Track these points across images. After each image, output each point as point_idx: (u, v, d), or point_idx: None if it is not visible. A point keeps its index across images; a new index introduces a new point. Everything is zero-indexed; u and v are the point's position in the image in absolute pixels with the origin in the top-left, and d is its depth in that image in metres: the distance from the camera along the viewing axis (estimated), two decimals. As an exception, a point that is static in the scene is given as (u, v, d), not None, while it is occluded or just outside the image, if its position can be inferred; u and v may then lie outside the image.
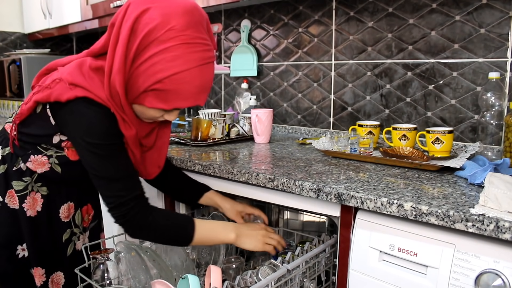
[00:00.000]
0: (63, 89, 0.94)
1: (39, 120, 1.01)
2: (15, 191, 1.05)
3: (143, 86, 0.92)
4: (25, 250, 1.07)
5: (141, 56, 0.90)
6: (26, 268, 1.08)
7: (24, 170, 1.05)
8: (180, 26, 0.89)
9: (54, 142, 1.02)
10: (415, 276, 0.87)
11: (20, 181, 1.05)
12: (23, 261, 1.07)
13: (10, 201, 1.05)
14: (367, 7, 1.65)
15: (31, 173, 1.05)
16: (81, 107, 0.94)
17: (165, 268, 1.10)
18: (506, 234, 0.73)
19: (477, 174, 1.00)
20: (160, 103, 0.94)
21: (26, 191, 1.05)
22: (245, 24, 2.09)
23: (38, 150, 1.03)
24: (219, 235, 1.05)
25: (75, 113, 0.94)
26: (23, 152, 1.04)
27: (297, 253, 1.05)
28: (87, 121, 0.94)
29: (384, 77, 1.63)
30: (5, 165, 1.06)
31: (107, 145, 0.96)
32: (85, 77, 0.95)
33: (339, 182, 1.02)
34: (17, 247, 1.07)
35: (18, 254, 1.07)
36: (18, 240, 1.07)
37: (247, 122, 1.75)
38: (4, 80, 2.76)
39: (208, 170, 1.26)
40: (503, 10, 1.33)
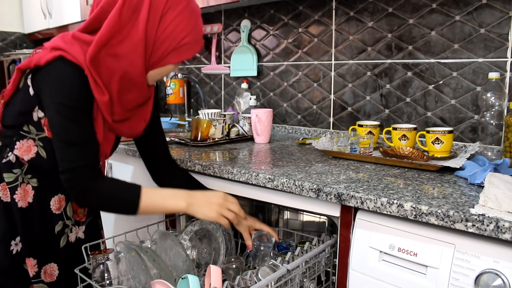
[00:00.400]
0: (43, 53, 1.00)
1: (20, 94, 1.05)
2: (6, 183, 1.06)
3: (171, 46, 1.04)
4: (18, 245, 1.08)
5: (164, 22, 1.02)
6: (20, 263, 1.09)
7: (13, 162, 1.06)
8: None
9: (35, 119, 1.04)
10: (415, 276, 0.87)
11: (11, 173, 1.06)
12: (17, 256, 1.08)
13: (3, 195, 1.07)
14: (367, 7, 1.65)
15: (20, 165, 1.07)
16: (57, 67, 0.98)
17: (165, 268, 1.09)
18: (506, 234, 0.73)
19: (477, 174, 1.00)
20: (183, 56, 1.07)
21: (17, 183, 1.06)
22: (245, 24, 2.09)
23: (22, 134, 1.05)
24: (168, 203, 1.05)
25: (50, 73, 0.99)
26: (9, 140, 1.06)
27: (297, 253, 1.05)
28: (60, 80, 0.98)
29: (384, 77, 1.63)
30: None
31: (75, 108, 0.99)
32: (66, 42, 1.00)
33: (339, 182, 1.02)
34: (11, 242, 1.08)
35: (12, 249, 1.08)
36: (12, 235, 1.08)
37: (247, 122, 1.75)
38: (4, 80, 2.76)
39: (208, 170, 1.26)
40: (503, 10, 1.33)
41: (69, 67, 0.98)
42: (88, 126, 1.02)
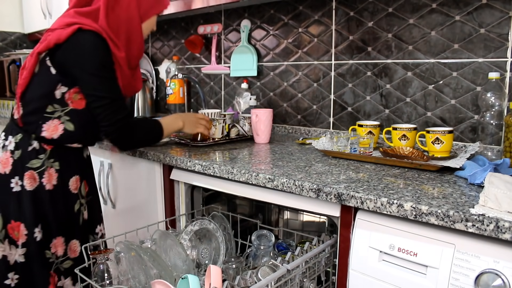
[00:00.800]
0: (59, 32, 1.13)
1: (38, 79, 1.17)
2: (33, 169, 1.18)
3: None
4: (40, 232, 1.19)
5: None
6: (43, 250, 1.20)
7: (38, 149, 1.19)
8: None
9: (58, 97, 1.16)
10: (415, 276, 0.87)
11: (37, 159, 1.19)
12: (39, 242, 1.19)
13: (28, 184, 1.18)
14: (367, 7, 1.65)
15: (44, 151, 1.19)
16: (81, 37, 1.12)
17: (165, 268, 1.10)
18: (506, 234, 0.73)
19: (477, 174, 1.00)
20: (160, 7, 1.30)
21: (44, 167, 1.19)
22: (245, 24, 2.09)
23: (46, 117, 1.17)
24: (175, 126, 1.41)
25: (76, 44, 1.12)
26: (34, 126, 1.17)
27: (297, 253, 1.05)
28: (88, 48, 1.13)
29: (384, 77, 1.63)
30: (19, 150, 1.18)
31: (107, 68, 1.17)
32: (75, 17, 1.15)
33: (339, 182, 1.02)
34: (35, 229, 1.18)
35: (36, 237, 1.19)
36: (35, 223, 1.18)
37: (247, 122, 1.75)
38: (4, 80, 2.76)
39: (208, 170, 1.26)
40: (503, 10, 1.33)
41: (91, 35, 1.12)
42: (117, 82, 1.21)
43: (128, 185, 1.69)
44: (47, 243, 1.21)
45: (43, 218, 1.19)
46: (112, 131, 1.19)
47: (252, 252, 1.33)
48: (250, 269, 1.19)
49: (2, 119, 2.60)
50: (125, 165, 1.68)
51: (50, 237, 1.21)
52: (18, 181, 1.18)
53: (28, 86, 1.18)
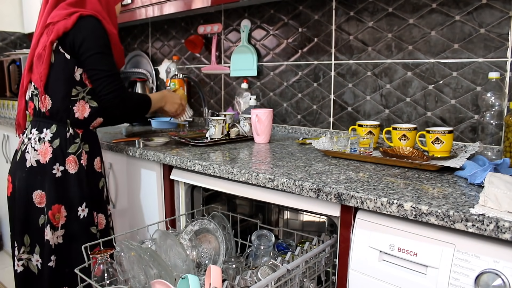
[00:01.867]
0: (64, 22, 1.27)
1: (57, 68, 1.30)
2: (73, 153, 1.34)
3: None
4: (84, 211, 1.35)
5: None
6: (87, 226, 1.35)
7: (73, 135, 1.35)
8: None
9: (77, 79, 1.32)
10: (415, 276, 0.87)
11: (74, 144, 1.35)
12: (84, 220, 1.35)
13: (70, 167, 1.33)
14: (367, 7, 1.65)
15: (78, 135, 1.36)
16: (84, 22, 1.28)
17: (165, 268, 1.10)
18: (506, 234, 0.73)
19: (477, 174, 1.00)
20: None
21: (80, 150, 1.36)
22: (245, 24, 2.09)
23: (73, 100, 1.33)
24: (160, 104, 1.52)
25: (82, 28, 1.27)
26: (67, 113, 1.33)
27: (297, 253, 1.05)
28: (92, 29, 1.28)
29: (384, 77, 1.63)
30: (57, 139, 1.32)
31: (108, 46, 1.32)
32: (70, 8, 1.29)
33: (339, 182, 1.02)
34: (78, 208, 1.34)
35: (80, 215, 1.34)
36: (79, 202, 1.34)
37: (248, 123, 1.75)
38: (4, 80, 2.76)
39: (208, 170, 1.26)
40: (503, 10, 1.33)
41: (91, 18, 1.29)
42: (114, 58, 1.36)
43: (128, 185, 1.69)
44: (92, 220, 1.37)
45: (87, 197, 1.35)
46: (111, 98, 1.30)
47: (252, 252, 1.33)
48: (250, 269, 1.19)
49: (2, 119, 2.60)
50: (125, 165, 1.68)
51: (93, 213, 1.37)
52: (59, 167, 1.32)
53: (48, 77, 1.31)
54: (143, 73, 2.60)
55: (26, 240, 1.34)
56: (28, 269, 1.35)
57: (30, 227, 1.33)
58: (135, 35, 2.78)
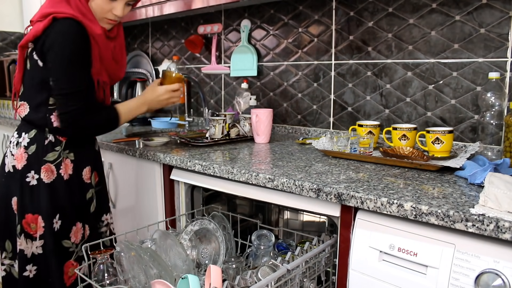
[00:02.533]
0: (37, 25, 1.16)
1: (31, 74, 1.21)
2: (51, 162, 1.23)
3: None
4: (57, 223, 1.24)
5: None
6: (60, 239, 1.25)
7: (54, 142, 1.24)
8: None
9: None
10: (415, 276, 0.87)
11: (53, 151, 1.24)
12: (58, 232, 1.24)
13: (45, 176, 1.23)
14: (367, 7, 1.65)
15: (59, 142, 1.25)
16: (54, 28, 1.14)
17: (165, 268, 1.10)
18: (506, 234, 0.73)
19: (477, 174, 1.00)
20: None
21: (60, 159, 1.25)
22: (245, 24, 2.09)
23: (50, 109, 1.22)
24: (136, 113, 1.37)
25: (51, 34, 1.14)
26: (43, 119, 1.22)
27: (297, 253, 1.05)
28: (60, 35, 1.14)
29: (384, 77, 1.63)
30: (34, 145, 1.23)
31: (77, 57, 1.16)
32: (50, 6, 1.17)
33: (339, 182, 1.02)
34: (53, 220, 1.23)
35: (54, 227, 1.24)
36: (53, 214, 1.23)
37: (248, 123, 1.75)
38: (4, 80, 2.76)
39: (208, 170, 1.26)
40: (503, 10, 1.33)
41: (65, 23, 1.14)
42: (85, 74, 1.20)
43: (128, 185, 1.69)
44: (66, 233, 1.26)
45: (61, 208, 1.25)
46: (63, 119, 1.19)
47: (252, 252, 1.33)
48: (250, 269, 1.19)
49: (2, 119, 2.60)
50: (125, 165, 1.68)
51: (70, 226, 1.27)
52: (34, 175, 1.23)
53: (23, 83, 1.23)
54: (143, 73, 2.60)
55: (8, 246, 1.29)
56: (10, 274, 1.30)
57: (11, 234, 1.27)
58: (135, 35, 2.78)
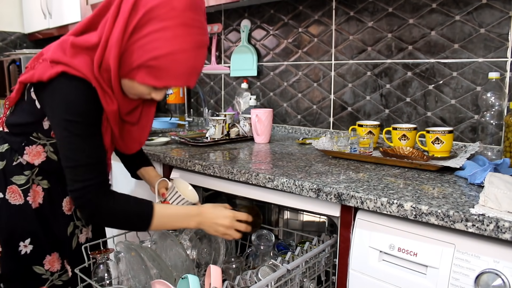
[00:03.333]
0: (45, 67, 0.95)
1: (26, 106, 1.03)
2: (18, 185, 1.05)
3: (138, 61, 0.93)
4: (27, 247, 1.06)
5: (139, 31, 0.92)
6: (29, 264, 1.07)
7: (24, 164, 1.05)
8: (181, 7, 0.92)
9: (45, 128, 1.02)
10: (415, 276, 0.87)
11: (22, 175, 1.05)
12: (26, 257, 1.06)
13: (12, 197, 1.05)
14: (367, 7, 1.65)
15: (31, 167, 1.06)
16: (61, 83, 0.94)
17: (165, 268, 1.10)
18: (506, 234, 0.73)
19: (477, 174, 1.00)
20: (152, 80, 0.95)
21: (28, 185, 1.05)
22: (245, 24, 2.09)
23: (32, 140, 1.03)
24: (180, 224, 1.07)
25: (55, 91, 0.95)
26: (18, 145, 1.04)
27: (297, 253, 1.05)
28: (66, 97, 0.94)
29: (384, 77, 1.63)
30: (3, 161, 1.05)
31: (83, 123, 0.95)
32: (66, 53, 0.95)
33: (339, 182, 1.02)
34: (20, 243, 1.06)
35: (21, 250, 1.06)
36: (21, 236, 1.06)
37: (248, 123, 1.75)
38: (4, 80, 2.76)
39: (208, 170, 1.26)
40: (503, 10, 1.33)
41: (74, 82, 0.94)
42: (97, 141, 0.99)
43: (128, 185, 1.69)
44: (38, 259, 1.08)
45: (32, 233, 1.06)
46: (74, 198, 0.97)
47: (252, 252, 1.33)
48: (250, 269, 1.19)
49: (2, 119, 2.60)
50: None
51: (43, 253, 1.08)
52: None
53: (16, 108, 1.06)
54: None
55: None
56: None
57: None
58: (135, 35, 2.78)
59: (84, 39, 0.96)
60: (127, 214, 1.00)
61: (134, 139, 1.14)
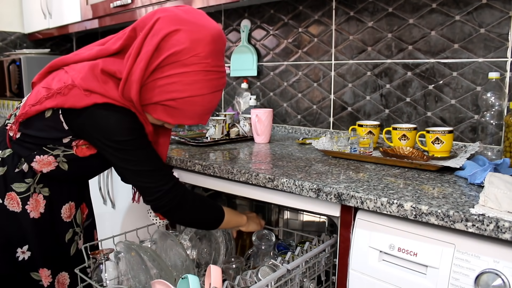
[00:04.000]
0: (79, 96, 0.95)
1: (49, 123, 1.00)
2: (17, 193, 1.04)
3: (156, 99, 0.98)
4: (25, 253, 1.06)
5: (161, 72, 0.96)
6: (27, 271, 1.07)
7: (26, 172, 1.04)
8: (204, 54, 0.96)
9: (64, 142, 1.02)
10: (415, 276, 0.87)
11: (22, 183, 1.04)
12: (24, 263, 1.06)
13: (10, 204, 1.04)
14: (367, 7, 1.65)
15: (33, 174, 1.04)
16: (100, 112, 0.95)
17: (165, 268, 1.10)
18: (506, 234, 0.73)
19: (477, 174, 1.00)
20: (167, 117, 1.01)
21: (29, 193, 1.04)
22: (245, 24, 2.09)
23: (44, 150, 1.02)
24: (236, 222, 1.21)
25: (96, 118, 0.96)
26: (28, 152, 1.03)
27: (297, 253, 1.05)
28: (110, 122, 0.96)
29: (384, 77, 1.63)
30: (4, 167, 1.04)
31: (136, 139, 0.98)
32: (99, 82, 0.96)
33: (339, 182, 1.02)
34: (17, 249, 1.05)
35: (18, 257, 1.05)
36: (18, 243, 1.05)
37: (248, 123, 1.75)
38: (4, 80, 2.76)
39: (208, 170, 1.26)
40: (503, 10, 1.33)
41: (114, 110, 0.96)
42: (153, 149, 1.03)
43: (128, 185, 1.69)
44: (35, 266, 1.07)
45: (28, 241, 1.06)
46: (156, 205, 1.02)
47: (253, 252, 1.33)
48: (250, 269, 1.19)
49: (2, 119, 2.60)
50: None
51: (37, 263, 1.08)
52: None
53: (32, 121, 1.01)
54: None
55: None
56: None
57: None
58: (135, 35, 2.77)
59: (113, 69, 0.98)
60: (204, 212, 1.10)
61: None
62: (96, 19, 2.39)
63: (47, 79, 1.03)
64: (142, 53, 0.95)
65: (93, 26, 2.44)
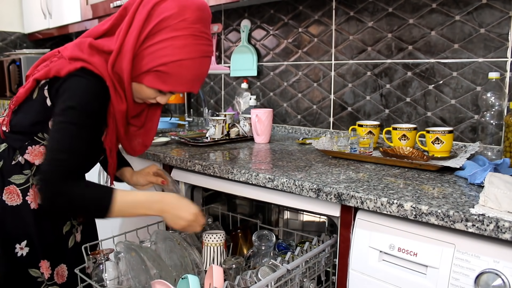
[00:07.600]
0: (63, 63, 0.99)
1: (35, 104, 1.03)
2: (16, 185, 1.05)
3: (147, 66, 1.00)
4: (23, 249, 1.06)
5: (152, 38, 0.99)
6: (25, 267, 1.07)
7: (23, 164, 1.06)
8: (192, 19, 1.00)
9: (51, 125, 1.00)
10: (415, 276, 0.87)
11: (21, 175, 1.05)
12: (22, 260, 1.06)
13: (8, 198, 1.04)
14: (367, 7, 1.65)
15: (30, 166, 1.06)
16: (79, 78, 0.97)
17: (165, 268, 1.10)
18: (506, 234, 0.73)
19: (477, 174, 1.00)
20: (159, 84, 1.02)
21: (28, 184, 1.06)
22: (245, 24, 2.09)
23: (35, 140, 1.05)
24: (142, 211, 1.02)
25: (72, 83, 0.97)
26: (20, 143, 1.05)
27: (297, 253, 1.05)
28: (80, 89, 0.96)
29: (384, 77, 1.63)
30: (0, 161, 1.05)
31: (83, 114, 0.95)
32: (84, 52, 0.99)
33: (339, 182, 1.02)
34: (16, 245, 1.06)
35: (17, 253, 1.06)
36: (16, 239, 1.06)
37: (248, 123, 1.75)
38: (4, 80, 2.76)
39: (208, 170, 1.26)
40: (503, 10, 1.33)
41: (91, 77, 0.97)
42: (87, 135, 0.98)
43: (127, 185, 1.69)
44: (34, 262, 1.07)
45: (28, 235, 1.06)
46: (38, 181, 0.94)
47: (253, 252, 1.33)
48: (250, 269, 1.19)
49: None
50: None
51: (37, 257, 1.08)
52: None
53: (21, 107, 1.05)
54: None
55: None
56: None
57: None
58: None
59: (102, 42, 1.01)
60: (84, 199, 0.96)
61: (139, 141, 1.19)
62: (96, 19, 2.39)
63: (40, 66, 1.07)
64: (134, 23, 0.99)
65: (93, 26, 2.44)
